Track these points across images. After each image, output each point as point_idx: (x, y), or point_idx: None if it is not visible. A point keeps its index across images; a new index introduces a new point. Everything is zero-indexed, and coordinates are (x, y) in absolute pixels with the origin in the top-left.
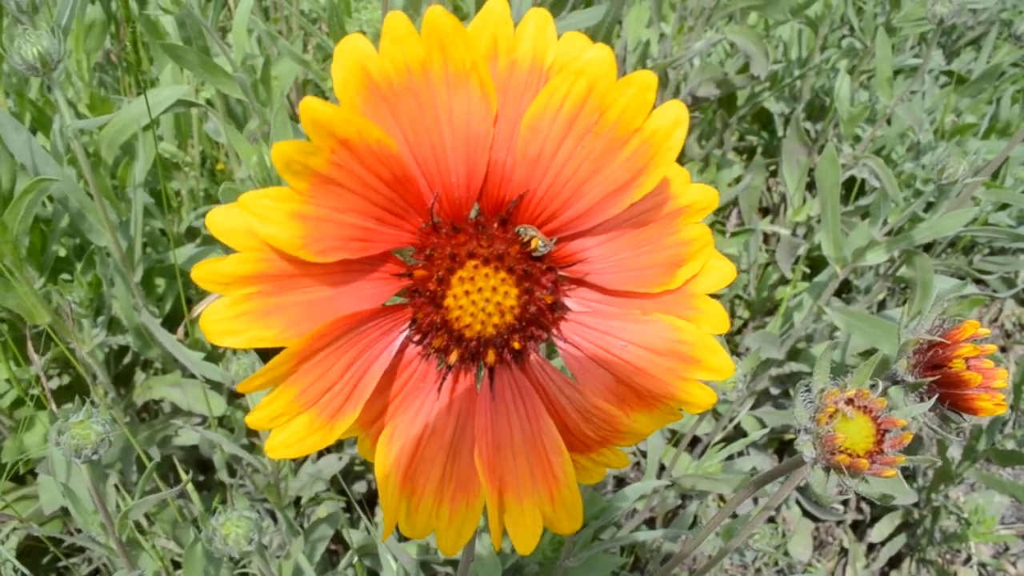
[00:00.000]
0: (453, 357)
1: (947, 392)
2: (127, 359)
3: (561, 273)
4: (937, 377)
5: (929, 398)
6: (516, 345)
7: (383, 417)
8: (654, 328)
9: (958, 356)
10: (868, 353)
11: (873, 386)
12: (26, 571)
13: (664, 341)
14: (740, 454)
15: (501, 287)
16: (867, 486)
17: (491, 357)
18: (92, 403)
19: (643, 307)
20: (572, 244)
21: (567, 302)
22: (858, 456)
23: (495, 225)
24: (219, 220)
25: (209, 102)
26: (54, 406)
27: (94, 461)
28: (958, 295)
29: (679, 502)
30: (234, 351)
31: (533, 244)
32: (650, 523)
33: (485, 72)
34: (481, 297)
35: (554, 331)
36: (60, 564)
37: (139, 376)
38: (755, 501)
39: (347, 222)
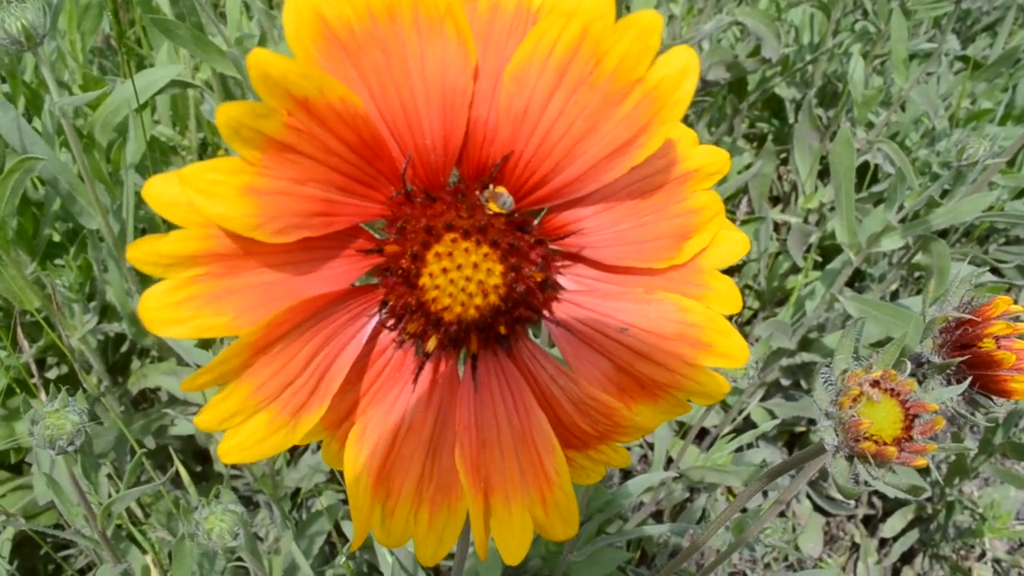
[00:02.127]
0: (431, 344)
1: (976, 374)
2: (124, 347)
3: (553, 247)
4: (966, 357)
5: (957, 380)
6: (502, 330)
7: (353, 415)
8: (659, 308)
9: (988, 335)
10: (882, 343)
11: (899, 367)
12: (16, 573)
13: (670, 323)
14: (750, 446)
15: (484, 263)
16: (894, 477)
17: (474, 344)
18: (83, 391)
19: (646, 284)
20: (565, 214)
21: (560, 280)
22: (885, 443)
23: (477, 193)
24: (158, 191)
25: (208, 84)
26: (44, 395)
27: (73, 452)
28: (975, 283)
29: (687, 495)
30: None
31: (491, 206)
32: (657, 516)
33: (462, 15)
34: (461, 275)
35: (545, 313)
36: (58, 554)
37: (135, 364)
38: (764, 495)
39: (308, 194)
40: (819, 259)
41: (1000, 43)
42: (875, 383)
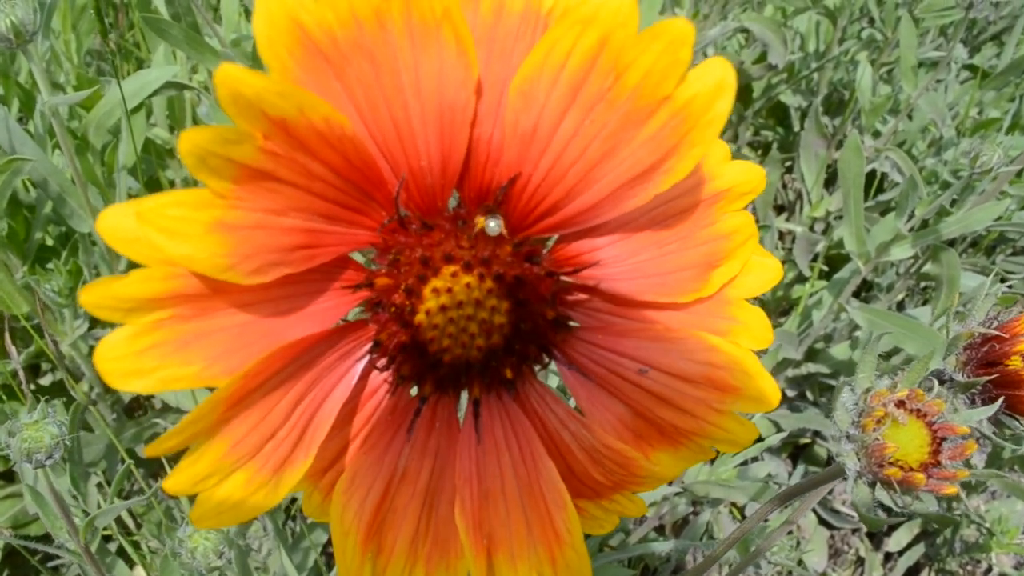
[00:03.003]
0: (428, 388)
1: (1002, 393)
2: None
3: (565, 279)
4: (994, 376)
5: (982, 399)
6: (508, 373)
7: (339, 462)
8: (681, 348)
9: (1017, 352)
10: (890, 355)
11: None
12: None
13: (694, 364)
14: (754, 459)
15: (487, 300)
16: (920, 505)
17: (476, 388)
18: (66, 399)
19: (668, 320)
20: (579, 243)
21: (573, 315)
22: (911, 469)
23: (479, 219)
24: (113, 224)
25: (204, 86)
26: (38, 403)
27: (51, 465)
28: (986, 294)
29: (690, 509)
30: None
31: (478, 223)
32: (659, 530)
33: (461, 20)
34: (461, 314)
35: (556, 353)
36: (49, 564)
37: None
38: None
39: (287, 226)
40: (825, 268)
41: (1008, 52)
42: (900, 403)
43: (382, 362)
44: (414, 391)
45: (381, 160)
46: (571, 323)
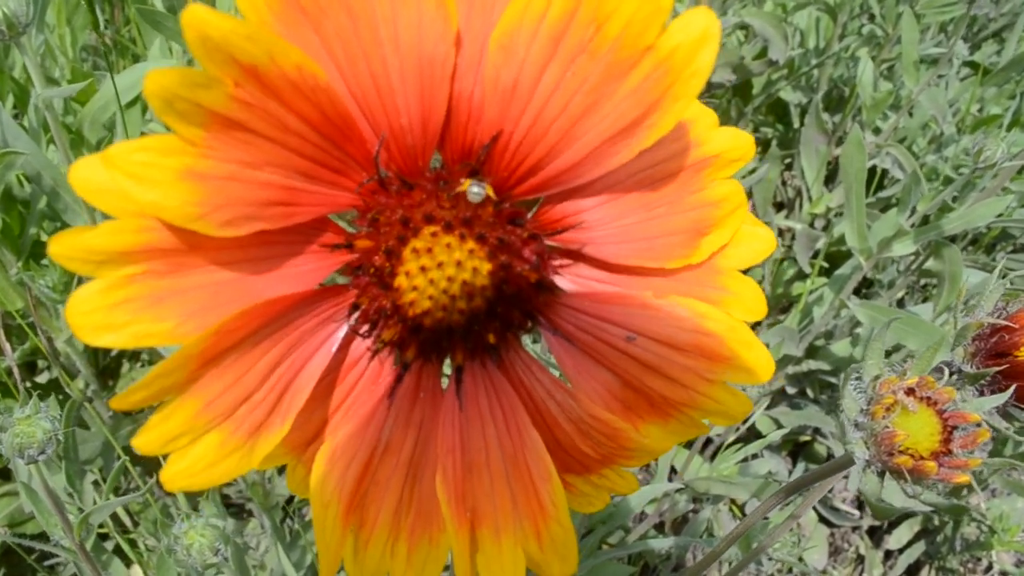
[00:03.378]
0: (410, 354)
1: (1011, 383)
2: (114, 350)
3: (549, 243)
4: (1003, 367)
5: (990, 390)
6: (491, 339)
7: (322, 435)
8: (670, 315)
9: None
10: (892, 351)
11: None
12: None
13: (683, 332)
14: (754, 456)
15: (469, 261)
16: (931, 495)
17: (459, 354)
18: (61, 396)
19: (656, 287)
20: (563, 205)
21: (558, 281)
22: (922, 457)
23: (461, 179)
24: (84, 175)
25: None
26: (22, 399)
27: (44, 461)
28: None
29: (691, 506)
30: None
31: (463, 186)
32: (658, 527)
33: None
34: (442, 275)
35: (540, 319)
36: (46, 563)
37: (125, 368)
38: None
39: (263, 180)
40: (825, 265)
41: (1010, 49)
42: (910, 391)
43: (363, 328)
44: (396, 361)
45: (360, 118)
46: (556, 288)
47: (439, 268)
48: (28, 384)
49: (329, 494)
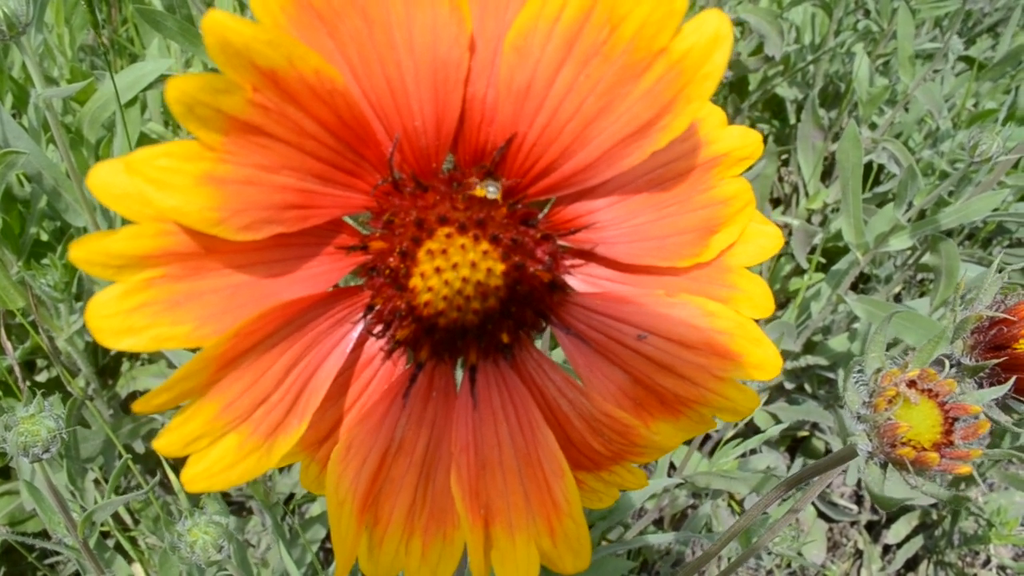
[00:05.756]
0: (424, 354)
1: (1010, 376)
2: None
3: (562, 243)
4: (1002, 359)
5: (989, 382)
6: (505, 338)
7: (335, 433)
8: (682, 313)
9: None
10: (890, 346)
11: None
12: None
13: (695, 330)
14: (753, 451)
15: (483, 262)
16: (933, 486)
17: (473, 354)
18: (64, 394)
19: (667, 286)
20: (575, 206)
21: (570, 280)
22: (924, 449)
23: (474, 180)
24: (105, 180)
25: None
26: (23, 398)
27: (48, 459)
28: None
29: (691, 501)
30: None
31: (478, 191)
32: (658, 523)
33: None
34: (456, 276)
35: (553, 318)
36: (46, 561)
37: (125, 366)
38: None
39: (280, 184)
40: (823, 261)
41: (1004, 43)
42: (912, 383)
43: (377, 328)
44: (410, 360)
45: (375, 121)
46: (568, 288)
47: (453, 269)
48: (28, 383)
49: (344, 492)
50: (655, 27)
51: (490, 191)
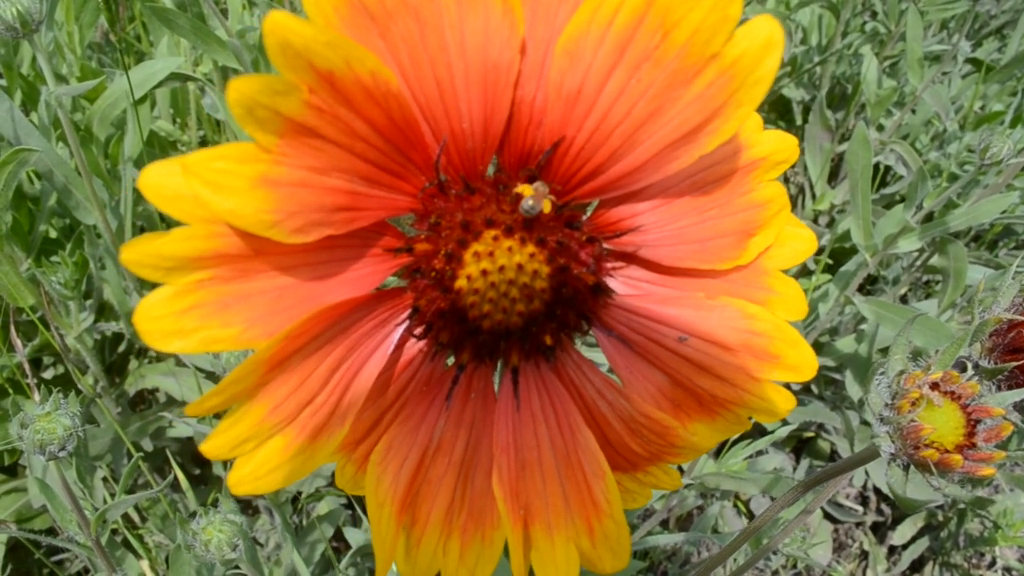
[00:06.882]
0: (466, 356)
1: None
2: (122, 347)
3: (606, 246)
4: (1021, 362)
5: (1008, 386)
6: (548, 340)
7: (372, 434)
8: (721, 316)
9: None
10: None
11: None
12: None
13: (734, 332)
14: (759, 453)
15: (529, 265)
16: (956, 488)
17: (515, 356)
18: (76, 392)
19: (707, 288)
20: (619, 209)
21: (612, 283)
22: (947, 451)
23: (520, 183)
24: (157, 182)
25: (208, 78)
26: (37, 396)
27: (65, 457)
28: (991, 287)
29: (699, 502)
30: None
31: (526, 190)
32: (664, 524)
33: None
34: (503, 278)
35: (595, 320)
36: (53, 559)
37: (133, 364)
38: (771, 501)
39: (330, 186)
40: (830, 262)
41: (1012, 46)
42: (935, 385)
43: (419, 330)
44: (450, 361)
45: (423, 122)
46: (610, 290)
47: (500, 272)
48: (35, 380)
49: (384, 493)
50: (708, 32)
51: (540, 192)
